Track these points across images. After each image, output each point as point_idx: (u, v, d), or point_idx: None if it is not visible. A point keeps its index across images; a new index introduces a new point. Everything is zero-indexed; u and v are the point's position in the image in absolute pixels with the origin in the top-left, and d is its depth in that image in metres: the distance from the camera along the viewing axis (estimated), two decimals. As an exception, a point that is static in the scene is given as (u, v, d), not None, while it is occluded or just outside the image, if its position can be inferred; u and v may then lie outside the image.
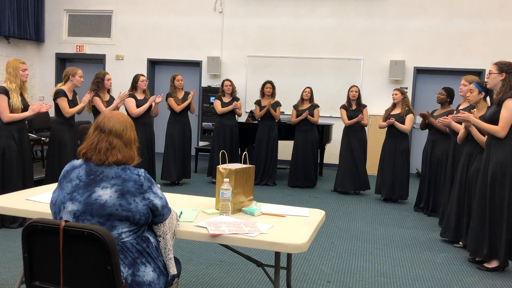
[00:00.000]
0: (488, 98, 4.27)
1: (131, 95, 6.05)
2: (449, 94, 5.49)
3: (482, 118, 3.90)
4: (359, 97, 6.64)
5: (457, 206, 4.36)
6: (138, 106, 6.04)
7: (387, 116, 6.22)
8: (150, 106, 6.18)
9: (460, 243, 4.41)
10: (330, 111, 8.62)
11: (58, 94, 4.94)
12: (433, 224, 5.24)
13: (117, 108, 5.53)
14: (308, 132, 6.88)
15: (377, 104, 8.26)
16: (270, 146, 6.98)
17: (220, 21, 9.22)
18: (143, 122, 6.09)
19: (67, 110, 4.94)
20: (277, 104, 6.97)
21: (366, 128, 6.76)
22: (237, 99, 6.96)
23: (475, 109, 4.20)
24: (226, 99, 6.94)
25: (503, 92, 3.66)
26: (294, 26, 8.94)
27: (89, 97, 5.23)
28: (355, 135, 6.59)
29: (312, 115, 6.84)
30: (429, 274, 3.73)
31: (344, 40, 8.78)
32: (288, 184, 7.03)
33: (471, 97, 4.21)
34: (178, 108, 6.53)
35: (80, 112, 5.17)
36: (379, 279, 3.57)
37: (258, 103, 7.07)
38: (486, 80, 3.89)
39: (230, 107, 6.83)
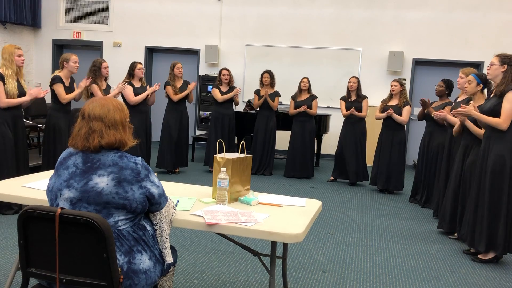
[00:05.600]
0: (485, 91, 4.27)
1: (129, 82, 6.02)
2: (448, 86, 5.48)
3: (479, 109, 3.90)
4: (359, 88, 6.62)
5: (452, 198, 4.38)
6: (135, 94, 6.02)
7: (384, 107, 6.22)
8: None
9: (455, 234, 4.43)
10: (328, 102, 8.60)
11: (54, 80, 4.94)
12: (428, 216, 5.26)
13: (115, 97, 5.51)
14: (306, 122, 6.87)
15: (375, 95, 8.23)
16: (268, 136, 6.98)
17: (218, 9, 9.15)
18: (140, 110, 6.07)
19: (63, 96, 4.92)
20: (276, 94, 6.95)
21: (364, 119, 6.75)
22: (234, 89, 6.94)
23: (471, 101, 4.20)
24: (224, 88, 6.91)
25: (505, 84, 3.65)
26: (293, 15, 8.88)
27: (86, 83, 5.16)
28: (353, 126, 6.59)
29: (310, 107, 6.82)
30: (423, 265, 3.76)
31: (343, 30, 8.73)
32: (284, 174, 7.04)
33: (469, 88, 4.20)
34: (175, 97, 6.51)
35: (77, 98, 5.14)
36: (374, 270, 3.60)
37: (257, 92, 7.06)
38: (487, 71, 3.87)
39: (230, 94, 6.81)
